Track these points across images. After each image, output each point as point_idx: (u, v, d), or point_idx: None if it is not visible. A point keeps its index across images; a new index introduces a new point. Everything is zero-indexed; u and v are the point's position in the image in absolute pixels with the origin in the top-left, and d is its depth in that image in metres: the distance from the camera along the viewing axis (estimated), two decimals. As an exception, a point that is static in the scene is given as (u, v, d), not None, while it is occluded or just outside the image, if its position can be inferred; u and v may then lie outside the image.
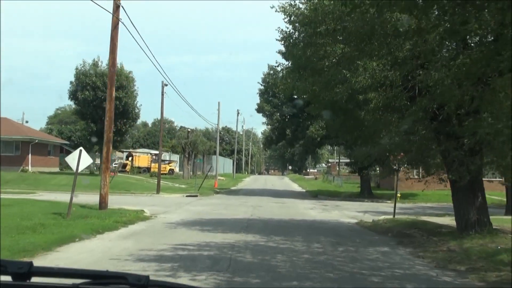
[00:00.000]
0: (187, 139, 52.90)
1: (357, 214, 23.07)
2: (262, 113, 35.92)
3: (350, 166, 39.68)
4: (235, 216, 19.76)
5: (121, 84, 42.59)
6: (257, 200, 30.88)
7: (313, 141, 33.85)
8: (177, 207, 24.16)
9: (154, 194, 35.18)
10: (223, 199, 31.61)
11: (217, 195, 36.78)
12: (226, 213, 21.29)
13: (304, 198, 36.58)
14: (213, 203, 27.40)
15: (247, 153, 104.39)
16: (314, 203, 30.39)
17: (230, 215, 20.30)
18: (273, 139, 36.86)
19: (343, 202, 32.72)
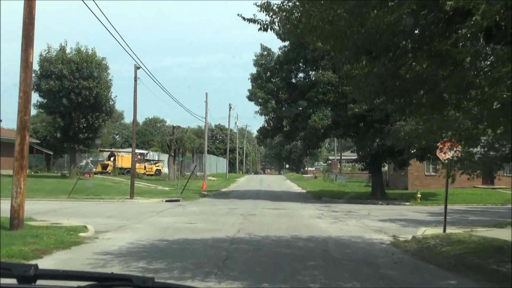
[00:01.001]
0: (173, 135, 46.58)
1: (382, 224, 16.88)
2: (254, 101, 29.72)
3: (358, 162, 33.42)
4: (215, 234, 13.53)
5: (91, 72, 36.26)
6: (249, 206, 24.64)
7: (316, 133, 27.64)
8: (141, 218, 17.90)
9: (127, 199, 28.93)
10: (208, 205, 25.35)
11: (202, 199, 30.51)
12: (204, 228, 15.05)
13: (306, 201, 30.35)
14: (192, 212, 21.14)
15: (242, 151, 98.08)
16: (320, 207, 24.16)
17: (208, 232, 14.07)
18: (269, 131, 30.62)
19: (355, 206, 26.50)
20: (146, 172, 56.21)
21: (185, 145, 47.66)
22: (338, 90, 27.71)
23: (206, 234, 13.52)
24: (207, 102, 42.41)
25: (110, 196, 29.93)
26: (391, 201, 29.40)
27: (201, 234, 13.63)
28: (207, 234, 13.53)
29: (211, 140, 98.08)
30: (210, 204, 25.83)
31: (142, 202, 28.29)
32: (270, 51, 30.99)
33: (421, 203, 28.28)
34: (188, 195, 31.56)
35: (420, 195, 28.87)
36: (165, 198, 30.31)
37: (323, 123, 27.15)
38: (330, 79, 27.53)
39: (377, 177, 31.79)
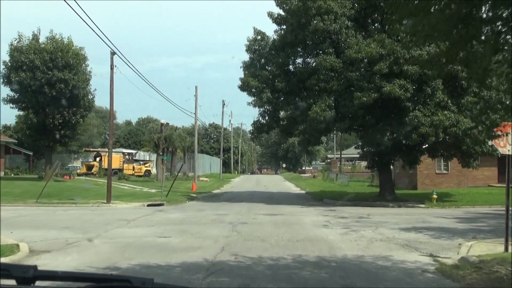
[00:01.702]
0: (161, 133, 42.78)
1: (407, 235, 13.19)
2: (247, 91, 25.96)
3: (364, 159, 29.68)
4: (189, 256, 9.81)
5: (67, 62, 32.43)
6: (242, 210, 20.92)
7: (317, 126, 23.90)
8: (104, 230, 14.16)
9: (104, 203, 25.18)
10: (194, 210, 21.61)
11: (189, 203, 26.75)
12: (177, 246, 11.31)
13: (306, 203, 26.63)
14: (172, 220, 17.39)
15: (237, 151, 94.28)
16: (324, 212, 20.44)
17: (182, 252, 10.36)
18: (264, 126, 26.84)
19: (363, 209, 22.81)
20: (134, 173, 52.36)
21: (175, 143, 43.85)
22: (343, 77, 24.03)
23: (177, 256, 9.78)
24: (196, 96, 38.72)
25: (85, 200, 26.19)
26: (403, 202, 25.72)
27: (171, 256, 9.89)
28: (178, 256, 9.79)
29: (205, 139, 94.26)
30: (196, 209, 22.08)
31: (119, 207, 24.58)
32: (264, 35, 27.25)
33: (437, 205, 24.62)
34: (174, 198, 27.82)
35: (436, 195, 25.21)
36: (148, 201, 26.63)
37: (326, 115, 23.44)
38: (333, 65, 23.83)
39: (385, 176, 28.08)
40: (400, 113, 23.88)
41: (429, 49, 23.68)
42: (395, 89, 22.40)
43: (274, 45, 26.70)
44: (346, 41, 24.21)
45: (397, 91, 22.36)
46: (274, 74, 25.69)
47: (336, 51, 24.92)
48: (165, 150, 43.71)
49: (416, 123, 22.95)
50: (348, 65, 24.20)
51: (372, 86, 23.10)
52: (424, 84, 23.53)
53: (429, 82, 23.41)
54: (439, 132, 23.06)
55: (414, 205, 24.97)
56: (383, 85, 22.68)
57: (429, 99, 23.67)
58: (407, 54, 22.74)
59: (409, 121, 23.14)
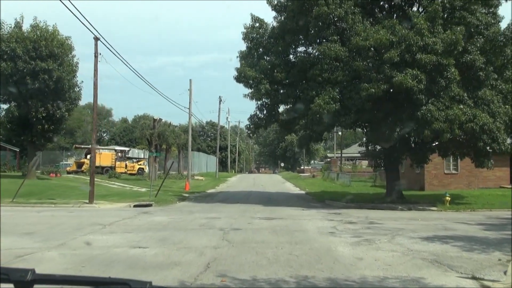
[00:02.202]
0: (153, 129, 40.40)
1: (432, 247, 10.91)
2: (243, 82, 23.64)
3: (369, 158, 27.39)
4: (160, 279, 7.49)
5: (51, 51, 30.07)
6: (236, 214, 18.64)
7: (320, 120, 21.59)
8: (71, 237, 11.88)
9: (85, 204, 22.91)
10: (183, 212, 19.31)
11: (179, 204, 24.46)
12: (152, 261, 8.99)
13: (307, 205, 24.35)
14: (155, 224, 15.08)
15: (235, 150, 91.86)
16: (329, 215, 18.15)
17: (155, 270, 8.09)
18: (262, 120, 24.49)
19: (372, 212, 20.55)
20: (127, 171, 49.97)
21: (168, 140, 41.48)
22: (348, 67, 21.74)
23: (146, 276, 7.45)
24: (191, 90, 36.33)
25: (66, 200, 23.91)
26: (413, 205, 23.45)
27: (139, 275, 7.58)
28: (148, 276, 7.49)
29: (202, 137, 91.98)
30: (186, 211, 19.77)
31: (102, 208, 22.31)
32: (262, 22, 24.94)
33: (451, 208, 22.36)
34: (163, 199, 25.53)
35: (449, 198, 22.93)
36: (135, 202, 24.35)
37: (330, 108, 21.13)
38: (338, 53, 21.54)
39: (393, 175, 25.77)
40: (411, 107, 21.60)
41: (444, 36, 21.54)
42: (407, 79, 20.12)
43: (273, 33, 24.43)
44: (353, 27, 21.91)
45: (410, 82, 20.08)
46: (273, 64, 23.41)
47: (341, 39, 22.64)
48: (158, 147, 41.33)
49: (429, 118, 20.66)
50: (354, 54, 21.92)
51: (381, 76, 20.82)
52: (438, 75, 21.26)
53: (443, 73, 21.15)
54: (455, 128, 20.77)
55: (425, 208, 22.69)
56: (393, 75, 20.40)
57: (443, 92, 21.39)
58: (420, 41, 20.49)
59: (421, 116, 20.86)
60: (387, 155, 25.30)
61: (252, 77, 23.10)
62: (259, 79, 23.06)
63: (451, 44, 20.88)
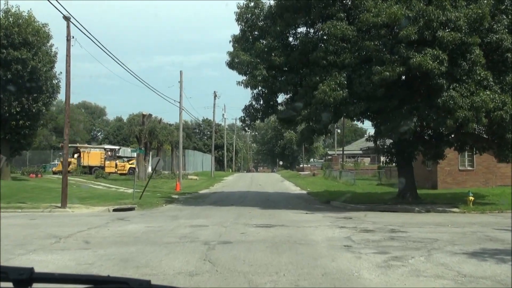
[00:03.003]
0: (142, 125, 37.33)
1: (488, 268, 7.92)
2: (237, 69, 20.64)
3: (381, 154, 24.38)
4: None
5: (25, 39, 26.98)
6: (227, 219, 15.63)
7: (326, 110, 18.54)
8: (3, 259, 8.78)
9: (57, 208, 19.96)
10: (165, 218, 16.28)
11: (166, 207, 21.45)
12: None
13: (311, 207, 21.36)
14: (124, 236, 12.03)
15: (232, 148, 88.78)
16: (338, 221, 15.13)
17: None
18: (258, 111, 21.46)
19: (386, 216, 17.56)
20: (117, 170, 46.85)
21: (158, 137, 38.40)
22: (357, 48, 18.75)
23: None
24: (181, 82, 33.30)
25: (37, 204, 20.88)
26: (430, 206, 20.47)
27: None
28: None
29: (198, 135, 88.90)
30: (170, 216, 16.74)
31: (75, 213, 19.34)
32: (258, 1, 21.89)
33: (475, 208, 19.39)
34: (148, 201, 22.53)
35: (473, 197, 19.96)
36: (115, 205, 21.38)
37: (336, 95, 18.13)
38: (345, 33, 18.53)
39: (406, 173, 22.76)
40: (430, 93, 18.63)
41: (467, 11, 18.58)
42: (427, 60, 17.12)
43: (270, 13, 21.41)
44: (362, 3, 18.89)
45: (430, 63, 17.08)
46: (271, 46, 20.40)
47: (348, 17, 19.65)
48: (147, 145, 38.29)
49: (452, 105, 17.68)
50: (364, 33, 18.91)
51: (396, 57, 17.81)
52: (460, 56, 18.28)
53: (466, 55, 18.17)
54: (481, 116, 17.79)
55: (446, 210, 19.71)
56: (410, 55, 17.41)
57: (467, 76, 18.40)
58: (442, 15, 17.50)
59: (442, 103, 17.87)
60: (400, 150, 22.32)
61: (247, 61, 20.07)
62: (254, 64, 20.04)
63: (476, 20, 17.91)
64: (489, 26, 18.26)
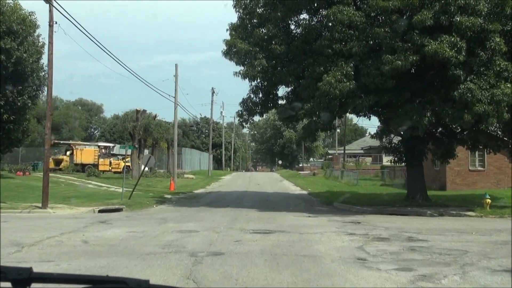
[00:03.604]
0: (136, 122, 35.57)
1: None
2: (234, 58, 18.90)
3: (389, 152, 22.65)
4: None
5: (9, 28, 25.22)
6: (222, 223, 13.91)
7: (331, 103, 16.81)
8: None
9: (38, 209, 18.27)
10: (152, 222, 14.55)
11: (156, 208, 19.74)
12: None
13: (313, 209, 19.64)
14: (99, 243, 10.28)
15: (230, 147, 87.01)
16: (346, 226, 13.41)
17: None
18: (256, 105, 19.73)
19: (398, 219, 15.87)
20: (111, 168, 44.99)
21: (153, 133, 36.65)
22: (366, 36, 17.04)
23: None
24: (176, 76, 31.52)
25: (17, 204, 19.17)
26: (443, 209, 18.75)
27: None
28: None
29: (196, 134, 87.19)
30: (157, 220, 15.01)
31: (57, 214, 17.70)
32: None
33: (492, 212, 17.69)
34: (138, 201, 20.83)
35: (489, 200, 18.25)
36: (102, 206, 19.69)
37: (343, 87, 16.41)
38: (353, 19, 16.80)
39: (416, 172, 21.06)
40: (445, 86, 16.93)
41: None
42: (444, 48, 15.41)
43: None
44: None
45: (447, 51, 15.38)
46: (271, 34, 18.66)
47: (356, 2, 17.92)
48: (142, 142, 36.56)
49: (470, 98, 15.97)
50: (373, 19, 17.22)
51: (409, 45, 16.12)
52: (479, 46, 16.57)
53: (485, 43, 16.46)
54: (503, 111, 16.08)
55: (460, 213, 18.00)
56: (425, 43, 15.70)
57: (485, 67, 16.69)
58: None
59: (459, 96, 16.16)
60: (409, 148, 20.61)
61: (245, 50, 18.33)
62: (253, 53, 18.31)
63: (497, 4, 16.22)
64: (510, 12, 16.55)
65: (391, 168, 39.16)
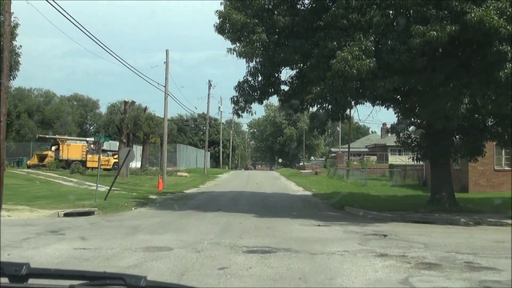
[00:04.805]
0: (124, 114, 32.26)
1: None
2: (229, 33, 15.64)
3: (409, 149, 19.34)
4: None
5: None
6: (208, 235, 10.62)
7: (346, 85, 13.50)
8: None
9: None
10: (117, 231, 11.25)
11: (134, 212, 16.46)
12: None
13: (322, 214, 16.34)
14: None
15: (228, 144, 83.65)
16: (371, 243, 10.12)
17: None
18: (255, 90, 16.39)
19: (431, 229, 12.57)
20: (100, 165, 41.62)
21: (142, 127, 33.35)
22: (390, 2, 13.77)
23: None
24: (167, 62, 28.16)
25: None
26: (478, 216, 15.50)
27: None
28: None
29: (194, 131, 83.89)
30: (127, 229, 11.72)
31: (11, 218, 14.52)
32: None
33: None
34: (115, 203, 17.56)
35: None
36: (72, 207, 16.47)
37: (361, 66, 13.13)
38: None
39: (442, 172, 17.73)
40: (488, 65, 13.64)
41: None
42: (490, 15, 12.15)
43: None
44: None
45: (495, 19, 12.11)
46: (273, 3, 15.38)
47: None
48: (130, 137, 33.26)
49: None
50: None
51: (445, 13, 12.83)
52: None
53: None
54: (561, 96, 12.84)
55: (501, 221, 14.73)
56: (466, 9, 12.43)
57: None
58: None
59: (505, 78, 12.90)
60: (434, 143, 17.33)
61: (242, 22, 15.00)
62: (251, 26, 14.99)
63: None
64: None
65: (402, 168, 35.94)
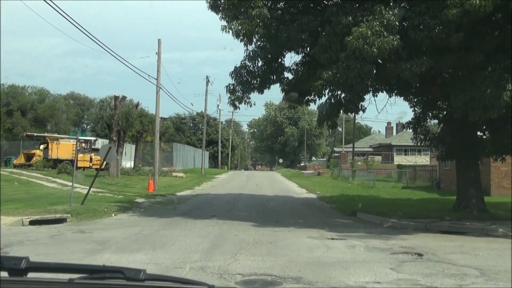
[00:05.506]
0: (114, 110, 29.84)
1: None
2: (221, 11, 13.23)
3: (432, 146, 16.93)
4: None
5: None
6: (194, 252, 8.20)
7: (364, 67, 11.14)
8: None
9: None
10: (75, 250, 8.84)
11: (113, 219, 14.06)
12: None
13: (332, 222, 13.90)
14: None
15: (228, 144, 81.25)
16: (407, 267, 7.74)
17: None
18: (254, 76, 13.98)
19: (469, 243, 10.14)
20: (92, 165, 39.13)
21: (134, 124, 30.93)
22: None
23: None
24: (159, 53, 25.76)
25: None
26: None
27: None
28: None
29: (192, 130, 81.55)
30: (94, 244, 9.33)
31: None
32: None
33: None
34: (93, 208, 15.17)
35: None
36: (42, 213, 14.13)
37: (382, 43, 10.75)
38: None
39: (470, 173, 15.28)
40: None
41: None
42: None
43: None
44: None
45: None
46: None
47: None
48: (121, 134, 30.85)
49: None
50: None
51: (487, -22, 10.43)
52: None
53: None
54: None
55: (546, 232, 12.31)
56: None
57: None
58: None
59: None
60: (460, 139, 14.94)
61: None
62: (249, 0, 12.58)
63: None
64: None
65: (412, 169, 33.54)
